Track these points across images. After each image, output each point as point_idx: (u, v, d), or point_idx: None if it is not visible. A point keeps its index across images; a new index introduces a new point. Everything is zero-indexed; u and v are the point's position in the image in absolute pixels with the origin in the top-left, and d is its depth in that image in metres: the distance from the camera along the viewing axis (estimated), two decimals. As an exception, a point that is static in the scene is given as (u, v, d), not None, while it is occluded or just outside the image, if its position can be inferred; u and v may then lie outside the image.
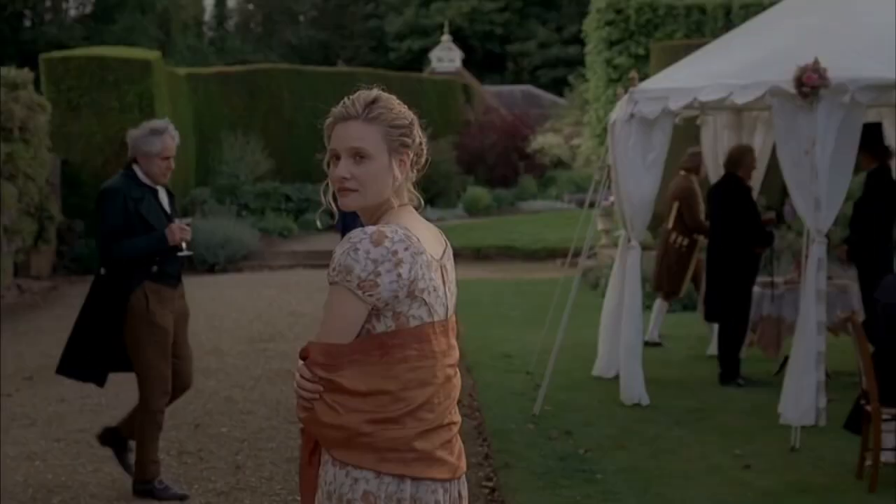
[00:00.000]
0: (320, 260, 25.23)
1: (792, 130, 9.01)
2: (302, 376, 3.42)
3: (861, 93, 8.88)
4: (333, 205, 3.65)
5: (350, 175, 3.45)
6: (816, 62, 8.77)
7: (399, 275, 3.35)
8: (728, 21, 24.87)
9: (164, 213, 7.72)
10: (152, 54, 26.40)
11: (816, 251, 9.03)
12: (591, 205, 12.23)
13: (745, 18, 18.20)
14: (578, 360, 11.87)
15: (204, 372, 12.06)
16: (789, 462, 8.17)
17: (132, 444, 7.89)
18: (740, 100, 9.34)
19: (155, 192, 7.69)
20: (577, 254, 11.79)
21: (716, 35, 17.55)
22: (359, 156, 3.45)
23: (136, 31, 52.29)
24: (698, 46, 12.50)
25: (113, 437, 8.04)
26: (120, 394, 10.97)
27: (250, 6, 71.17)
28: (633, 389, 10.12)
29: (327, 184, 3.63)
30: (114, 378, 11.74)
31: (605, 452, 8.52)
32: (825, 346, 9.08)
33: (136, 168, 7.60)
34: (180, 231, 7.56)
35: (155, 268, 7.53)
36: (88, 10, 57.71)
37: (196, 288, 20.60)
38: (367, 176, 3.45)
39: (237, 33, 69.82)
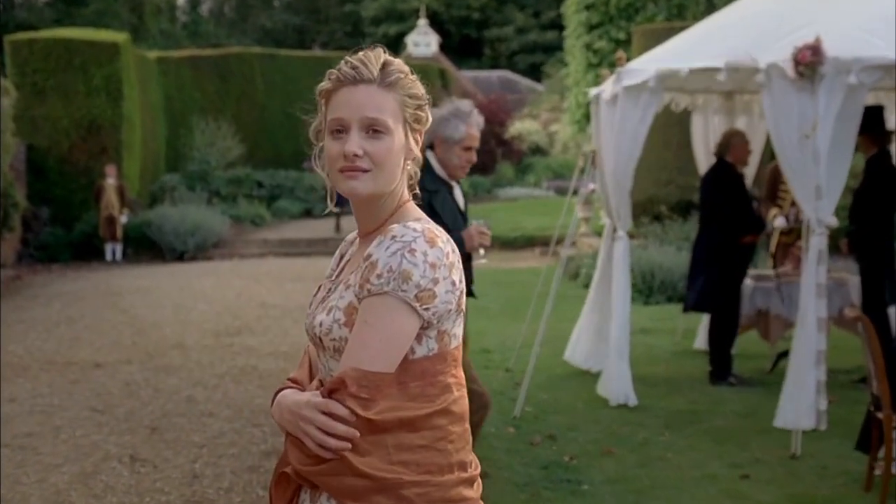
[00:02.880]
0: (292, 248, 24.73)
1: (788, 113, 8.38)
2: (328, 413, 2.62)
3: (865, 73, 8.26)
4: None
5: (363, 151, 2.74)
6: (818, 40, 8.17)
7: (453, 283, 2.71)
8: (710, 4, 24.34)
9: (459, 212, 6.52)
10: (120, 37, 25.81)
11: (817, 243, 8.42)
12: (575, 192, 11.66)
13: (727, 2, 17.66)
14: (560, 356, 11.27)
15: (166, 369, 11.47)
16: (790, 471, 7.56)
17: None
18: (735, 82, 8.72)
19: (450, 188, 6.48)
20: (558, 242, 11.21)
21: (698, 19, 16.99)
22: (374, 129, 2.75)
23: (107, 14, 51.61)
24: (682, 30, 11.88)
25: None
26: (74, 393, 10.37)
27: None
28: (620, 389, 9.53)
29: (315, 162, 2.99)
30: (68, 376, 11.16)
31: (592, 460, 7.90)
32: (826, 345, 8.48)
33: (430, 156, 6.40)
34: (479, 235, 6.37)
35: None
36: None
37: (164, 277, 20.09)
38: (384, 154, 2.76)
39: (211, 18, 69.07)
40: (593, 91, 10.50)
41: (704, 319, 11.29)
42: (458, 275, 2.73)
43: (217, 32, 63.01)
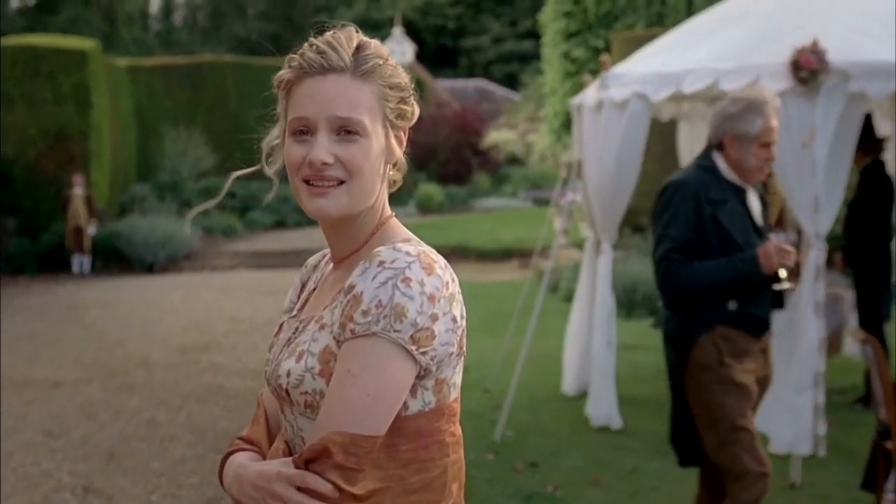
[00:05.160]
0: (264, 260, 24.20)
1: (785, 121, 7.88)
2: (306, 489, 2.07)
3: (866, 79, 7.78)
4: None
5: (333, 158, 2.18)
6: (815, 43, 7.70)
7: (454, 319, 2.17)
8: (690, 12, 23.95)
9: (752, 225, 5.33)
10: (88, 44, 25.23)
11: (815, 258, 7.95)
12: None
13: (708, 8, 17.22)
14: (541, 374, 10.79)
15: (128, 388, 10.93)
16: (791, 502, 7.09)
17: None
18: (728, 87, 8.19)
19: (742, 195, 5.33)
20: (541, 253, 10.73)
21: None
22: (346, 130, 2.19)
23: (79, 22, 51.06)
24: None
25: None
26: (29, 415, 9.83)
27: (198, -1, 70.05)
28: (604, 411, 9.04)
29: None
30: (24, 396, 10.59)
31: (578, 489, 7.40)
32: (825, 366, 7.99)
33: (716, 157, 5.32)
34: (779, 253, 5.17)
35: (734, 305, 5.20)
36: (32, 1, 56.40)
37: (132, 290, 19.53)
38: (361, 161, 2.20)
39: (184, 26, 68.55)
40: (575, 100, 9.98)
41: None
42: (459, 309, 2.19)
43: (190, 41, 62.50)
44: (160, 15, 67.91)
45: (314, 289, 2.47)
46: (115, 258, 23.68)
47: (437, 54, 63.12)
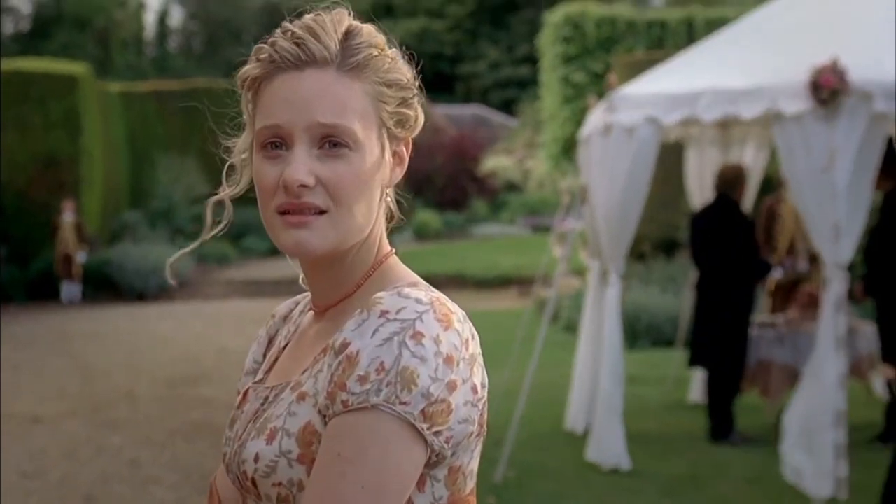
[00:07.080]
0: (259, 289, 23.77)
1: (805, 144, 7.46)
2: None
3: (889, 99, 7.35)
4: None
5: (315, 179, 1.66)
6: (835, 62, 7.28)
7: (474, 388, 1.64)
8: (691, 35, 23.68)
9: None
10: (79, 69, 24.85)
11: (835, 289, 7.49)
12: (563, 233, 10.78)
13: (708, 32, 16.91)
14: (543, 407, 10.32)
15: (111, 424, 10.46)
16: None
17: None
18: (746, 112, 7.77)
19: None
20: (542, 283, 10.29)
21: (678, 49, 16.18)
22: (331, 142, 1.66)
23: (72, 47, 50.76)
24: (662, 61, 10.87)
25: None
26: (6, 453, 9.36)
27: (193, 24, 69.84)
28: (612, 450, 8.55)
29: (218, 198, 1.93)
30: (2, 433, 10.14)
31: (585, 537, 6.95)
32: (846, 404, 7.52)
33: None
34: None
35: None
36: (26, 27, 56.19)
37: (121, 320, 19.08)
38: (350, 182, 1.68)
39: (180, 52, 68.36)
40: (584, 132, 9.50)
41: (701, 369, 10.32)
42: (480, 375, 1.65)
43: (186, 66, 62.27)
44: (155, 41, 67.73)
45: (285, 345, 1.94)
46: (105, 286, 23.24)
47: (434, 80, 62.86)
